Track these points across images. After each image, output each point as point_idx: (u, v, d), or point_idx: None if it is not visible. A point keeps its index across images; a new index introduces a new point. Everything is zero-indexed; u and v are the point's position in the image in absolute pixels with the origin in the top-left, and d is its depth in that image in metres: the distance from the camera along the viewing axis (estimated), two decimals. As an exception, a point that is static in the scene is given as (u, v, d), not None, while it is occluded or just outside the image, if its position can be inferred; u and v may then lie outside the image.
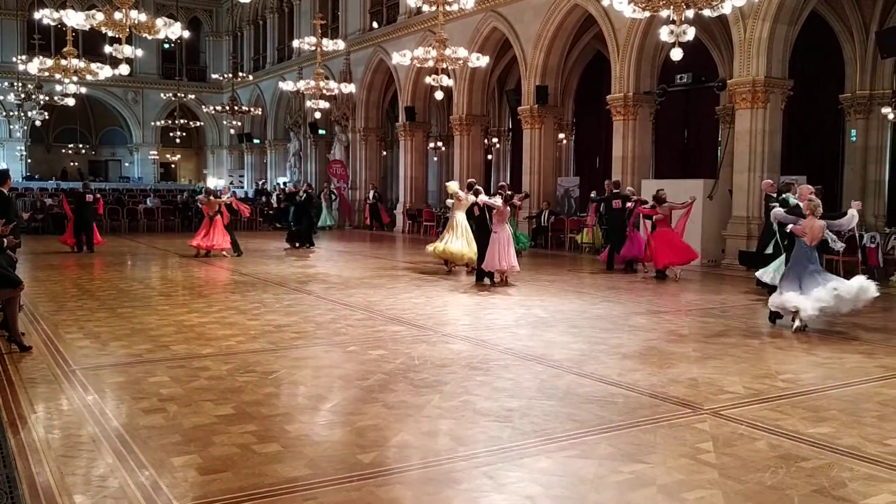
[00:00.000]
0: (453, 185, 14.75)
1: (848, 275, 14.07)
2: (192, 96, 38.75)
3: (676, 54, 10.24)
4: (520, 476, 4.39)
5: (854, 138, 19.54)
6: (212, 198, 17.67)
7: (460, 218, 14.10)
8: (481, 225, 12.99)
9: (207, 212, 17.39)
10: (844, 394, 6.27)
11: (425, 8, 16.72)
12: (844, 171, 19.77)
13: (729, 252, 16.14)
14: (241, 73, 34.52)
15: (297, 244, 19.84)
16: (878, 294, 8.77)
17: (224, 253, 17.24)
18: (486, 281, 12.76)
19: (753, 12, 15.40)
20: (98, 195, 20.07)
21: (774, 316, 9.31)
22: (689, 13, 10.02)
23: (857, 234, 14.64)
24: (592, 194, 16.85)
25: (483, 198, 12.93)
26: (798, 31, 16.10)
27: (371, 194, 28.63)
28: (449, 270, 14.45)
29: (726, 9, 10.19)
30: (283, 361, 7.18)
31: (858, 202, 10.21)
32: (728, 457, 4.70)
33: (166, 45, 39.67)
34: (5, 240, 7.99)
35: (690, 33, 9.98)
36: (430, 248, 14.69)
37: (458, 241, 14.04)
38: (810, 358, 7.58)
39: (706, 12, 10.25)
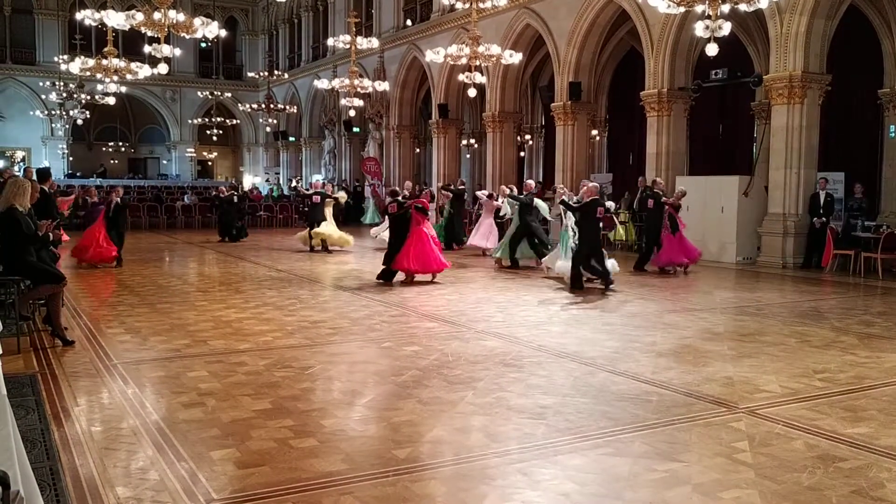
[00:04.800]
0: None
1: (886, 273, 13.96)
2: (229, 94, 39.15)
3: (712, 50, 10.15)
4: (554, 473, 4.40)
5: (893, 134, 19.18)
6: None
7: (329, 212, 18.55)
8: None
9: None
10: (883, 394, 6.19)
11: (459, 5, 16.71)
12: (882, 167, 19.41)
13: (765, 250, 15.98)
14: (276, 72, 34.73)
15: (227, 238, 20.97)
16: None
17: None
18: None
19: (790, 6, 15.18)
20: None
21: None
22: (725, 8, 9.93)
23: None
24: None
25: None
26: (836, 26, 15.84)
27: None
28: (327, 250, 17.95)
29: (763, 3, 10.07)
30: (318, 357, 7.26)
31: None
32: (764, 456, 4.67)
33: (203, 45, 40.02)
34: (51, 234, 8.17)
35: (726, 28, 9.88)
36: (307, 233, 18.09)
37: (332, 227, 18.30)
38: (848, 357, 7.48)
39: (742, 7, 10.15)
